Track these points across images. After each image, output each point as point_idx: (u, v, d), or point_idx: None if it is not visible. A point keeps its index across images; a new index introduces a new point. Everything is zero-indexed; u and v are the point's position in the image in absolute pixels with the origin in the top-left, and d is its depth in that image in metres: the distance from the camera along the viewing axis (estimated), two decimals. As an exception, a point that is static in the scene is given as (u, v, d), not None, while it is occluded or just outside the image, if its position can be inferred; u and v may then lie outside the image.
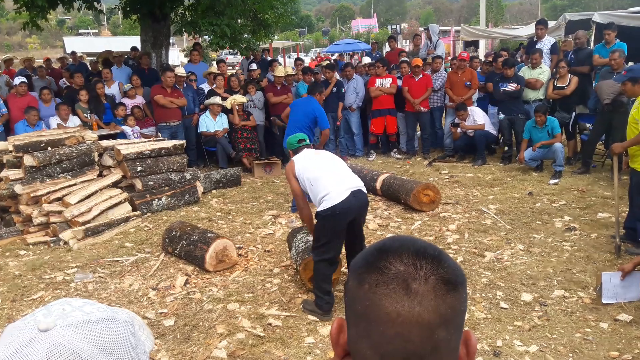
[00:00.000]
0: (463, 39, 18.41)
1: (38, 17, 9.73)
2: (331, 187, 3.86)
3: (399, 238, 0.80)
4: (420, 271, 0.74)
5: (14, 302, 4.46)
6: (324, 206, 3.83)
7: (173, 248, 5.20)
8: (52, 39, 55.68)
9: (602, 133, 7.46)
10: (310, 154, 4.30)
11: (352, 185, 3.90)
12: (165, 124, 8.52)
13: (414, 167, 8.64)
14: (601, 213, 5.91)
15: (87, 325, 0.77)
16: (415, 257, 0.75)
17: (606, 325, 3.66)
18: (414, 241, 0.79)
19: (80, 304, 0.82)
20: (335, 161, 4.22)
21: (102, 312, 0.81)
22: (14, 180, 6.15)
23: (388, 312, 0.72)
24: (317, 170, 4.03)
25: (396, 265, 0.75)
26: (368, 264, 0.77)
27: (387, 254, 0.76)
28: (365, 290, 0.75)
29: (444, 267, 0.75)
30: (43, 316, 0.78)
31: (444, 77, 9.20)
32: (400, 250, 0.76)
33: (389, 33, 34.44)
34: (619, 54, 7.32)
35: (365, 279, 0.76)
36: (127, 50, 13.15)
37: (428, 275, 0.74)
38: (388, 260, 0.75)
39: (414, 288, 0.72)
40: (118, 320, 0.81)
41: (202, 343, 3.70)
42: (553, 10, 55.24)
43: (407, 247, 0.77)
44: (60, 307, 0.81)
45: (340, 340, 0.81)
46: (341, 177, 3.97)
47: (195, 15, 10.82)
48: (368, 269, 0.76)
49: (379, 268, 0.75)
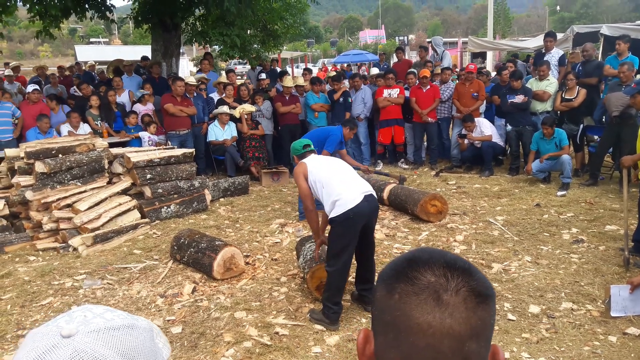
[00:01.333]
0: (470, 50, 18.42)
1: (51, 26, 9.87)
2: (344, 191, 3.85)
3: (429, 250, 0.80)
4: (451, 283, 0.74)
5: (23, 308, 4.50)
6: (337, 211, 3.80)
7: (181, 255, 5.23)
8: (64, 47, 56.29)
9: (610, 145, 7.44)
10: (320, 157, 4.35)
11: (364, 190, 3.90)
12: (175, 132, 8.58)
13: (421, 178, 8.65)
14: (609, 225, 5.88)
15: (108, 332, 0.78)
16: (446, 269, 0.75)
17: (615, 339, 3.64)
18: (443, 253, 0.79)
19: (101, 311, 0.84)
20: (345, 166, 4.24)
21: (123, 320, 0.82)
22: (25, 186, 6.22)
23: (419, 322, 0.72)
24: (329, 172, 4.04)
25: (427, 276, 0.75)
26: (398, 274, 0.77)
27: (418, 265, 0.76)
28: (396, 300, 0.75)
29: (474, 280, 0.75)
30: (65, 322, 0.79)
31: (452, 88, 9.23)
32: (431, 262, 0.76)
33: (396, 44, 34.60)
34: (628, 66, 7.32)
35: (395, 288, 0.76)
36: (138, 59, 13.29)
37: (459, 287, 0.74)
38: (419, 270, 0.75)
39: (445, 299, 0.72)
40: (138, 328, 0.82)
41: (210, 351, 3.71)
42: (561, 23, 55.27)
43: (437, 259, 0.77)
44: (82, 314, 0.82)
45: (367, 351, 0.81)
46: (353, 181, 3.98)
47: (206, 26, 10.94)
48: (398, 279, 0.76)
49: (410, 278, 0.75)
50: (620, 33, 9.66)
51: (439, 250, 0.80)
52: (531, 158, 7.80)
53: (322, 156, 4.43)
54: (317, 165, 4.16)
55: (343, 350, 3.65)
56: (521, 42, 18.42)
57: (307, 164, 4.18)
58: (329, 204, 3.89)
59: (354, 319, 4.13)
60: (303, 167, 4.18)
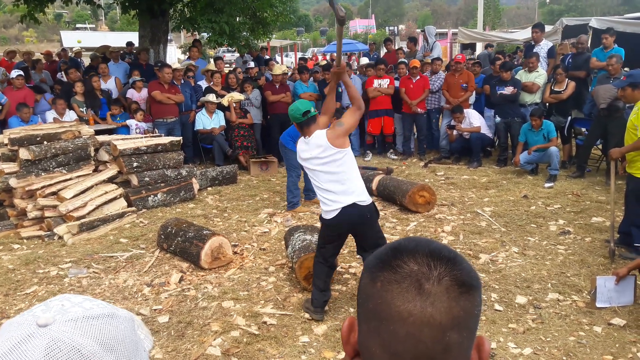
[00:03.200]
0: (460, 41, 18.41)
1: (36, 10, 9.69)
2: (326, 197, 3.78)
3: (415, 239, 0.79)
4: (434, 271, 0.73)
5: (7, 297, 4.44)
6: (321, 212, 3.90)
7: (168, 244, 5.19)
8: (49, 32, 55.41)
9: (598, 138, 7.50)
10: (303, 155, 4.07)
11: (346, 200, 3.70)
12: (162, 120, 8.49)
13: (410, 168, 8.66)
14: (595, 217, 5.93)
15: (87, 321, 0.76)
16: (430, 258, 0.74)
17: (600, 329, 3.68)
18: (429, 242, 0.78)
19: (79, 300, 0.81)
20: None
21: (102, 309, 0.80)
22: (8, 173, 6.11)
23: (399, 311, 0.72)
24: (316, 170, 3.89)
25: (410, 265, 0.74)
26: (382, 262, 0.76)
27: (402, 253, 0.75)
28: (378, 288, 0.74)
29: (458, 269, 0.74)
30: (42, 312, 0.77)
31: (442, 79, 9.22)
32: (415, 250, 0.75)
33: (386, 34, 34.49)
34: (617, 59, 7.36)
35: (378, 277, 0.75)
36: (124, 45, 13.11)
37: (442, 276, 0.73)
38: (402, 259, 0.75)
39: (426, 288, 0.72)
40: (118, 317, 0.80)
41: (197, 340, 3.69)
42: (550, 15, 55.49)
43: (422, 248, 0.76)
44: (60, 303, 0.79)
45: (351, 339, 0.81)
46: (339, 188, 3.74)
47: (194, 12, 10.80)
48: (382, 267, 0.76)
49: (393, 267, 0.74)
50: (608, 26, 9.69)
51: (425, 239, 0.78)
52: (519, 150, 7.83)
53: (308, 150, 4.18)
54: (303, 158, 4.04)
55: (331, 340, 3.65)
56: (510, 34, 18.45)
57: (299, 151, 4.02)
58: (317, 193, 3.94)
59: (341, 308, 4.13)
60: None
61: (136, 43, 11.40)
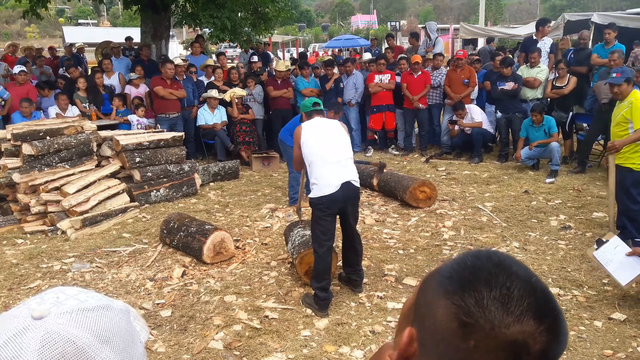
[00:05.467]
0: (462, 37, 18.38)
1: (38, 6, 9.68)
2: (322, 176, 3.94)
3: (511, 273, 0.67)
4: (537, 345, 0.64)
5: (10, 291, 4.47)
6: (313, 194, 3.97)
7: (171, 239, 5.22)
8: (51, 28, 55.34)
9: (599, 133, 7.50)
10: (320, 124, 4.21)
11: (343, 178, 3.95)
12: (165, 115, 8.51)
13: (411, 164, 8.67)
14: (596, 212, 5.95)
15: (82, 313, 0.75)
16: (537, 322, 0.64)
17: (600, 324, 3.70)
18: (532, 287, 0.66)
19: (74, 292, 0.80)
20: (338, 140, 4.15)
21: (98, 300, 0.79)
22: (12, 168, 6.14)
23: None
24: (317, 149, 4.03)
25: (514, 332, 0.63)
26: (477, 315, 0.65)
27: (504, 309, 0.64)
28: (470, 347, 0.65)
29: (561, 336, 0.66)
30: (37, 304, 0.76)
31: (444, 75, 9.21)
32: (520, 305, 0.64)
33: (388, 30, 34.42)
34: (619, 54, 7.35)
35: (471, 333, 0.65)
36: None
37: (544, 349, 0.64)
38: (505, 321, 0.64)
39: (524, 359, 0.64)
40: (113, 309, 0.80)
41: (199, 334, 3.72)
42: (552, 10, 55.26)
43: (528, 302, 0.65)
44: (55, 296, 0.79)
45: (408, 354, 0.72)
46: (335, 166, 3.98)
47: (196, 8, 10.78)
48: (477, 322, 0.65)
49: (493, 329, 0.64)
50: (610, 21, 9.67)
51: (523, 275, 0.67)
52: (520, 145, 7.84)
53: (323, 121, 4.28)
54: (311, 135, 4.10)
55: (332, 334, 3.67)
56: (512, 29, 18.41)
57: (303, 131, 4.14)
58: (310, 182, 4.05)
59: (343, 302, 4.15)
60: (298, 132, 4.16)
61: (138, 39, 11.38)
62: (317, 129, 4.15)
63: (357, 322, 3.82)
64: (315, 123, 4.22)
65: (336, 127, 4.24)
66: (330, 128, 4.20)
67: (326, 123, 4.27)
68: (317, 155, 4.01)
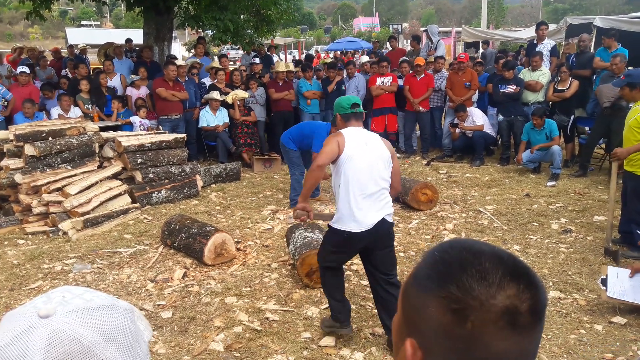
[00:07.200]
0: (464, 40, 18.36)
1: (42, 7, 9.72)
2: (350, 211, 3.30)
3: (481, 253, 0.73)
4: (524, 304, 0.69)
5: (12, 291, 4.48)
6: (336, 225, 3.38)
7: (172, 241, 5.22)
8: (54, 29, 55.50)
9: (601, 137, 7.50)
10: (365, 139, 3.41)
11: (377, 217, 3.30)
12: (167, 117, 8.52)
13: (413, 166, 8.67)
14: (597, 216, 5.94)
15: (87, 312, 0.77)
16: (515, 283, 0.69)
17: (601, 327, 3.70)
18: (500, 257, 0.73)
19: (80, 292, 0.82)
20: (382, 164, 3.37)
21: (103, 300, 0.81)
22: (14, 169, 6.17)
23: (497, 351, 0.68)
24: (355, 176, 3.31)
25: (501, 299, 0.68)
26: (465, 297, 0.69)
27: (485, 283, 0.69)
28: (469, 330, 0.69)
29: (539, 289, 0.71)
30: (43, 303, 0.78)
31: (445, 78, 9.22)
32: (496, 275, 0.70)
33: (390, 32, 34.44)
34: (621, 58, 7.35)
35: (466, 316, 0.69)
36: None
37: (530, 305, 0.69)
38: (491, 292, 0.69)
39: (521, 322, 0.68)
40: (118, 308, 0.81)
41: (200, 336, 3.72)
42: (554, 14, 55.32)
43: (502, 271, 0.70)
44: (61, 295, 0.80)
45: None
46: (371, 202, 3.31)
47: (199, 10, 10.81)
48: (467, 304, 0.69)
49: (482, 304, 0.68)
50: (613, 25, 9.68)
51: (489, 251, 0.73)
52: (522, 148, 7.84)
53: (368, 138, 3.43)
54: (356, 153, 3.32)
55: (333, 336, 3.67)
56: (515, 33, 18.41)
57: (347, 141, 3.33)
58: (337, 202, 3.44)
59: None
60: (341, 140, 3.34)
61: (141, 41, 11.40)
62: (363, 146, 3.36)
63: (357, 325, 3.82)
64: (360, 136, 3.42)
65: (380, 146, 3.43)
66: (375, 146, 3.40)
67: (371, 139, 3.45)
68: (356, 183, 3.29)
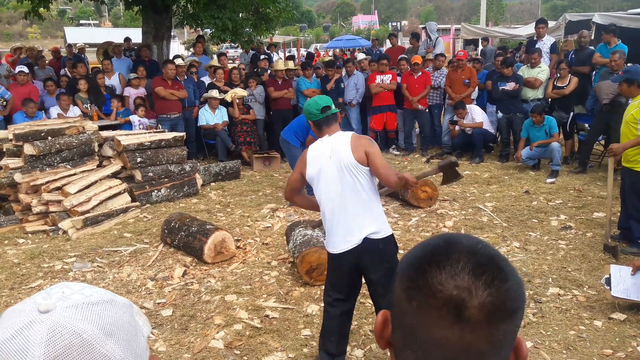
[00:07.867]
0: (463, 37, 18.39)
1: (40, 7, 9.71)
2: (331, 232, 3.05)
3: (456, 244, 0.72)
4: (475, 299, 0.67)
5: (12, 290, 4.49)
6: (326, 245, 3.17)
7: (172, 239, 5.23)
8: (53, 29, 55.42)
9: (600, 133, 7.50)
10: (331, 149, 3.01)
11: (357, 237, 2.98)
12: (166, 116, 8.53)
13: (412, 164, 8.68)
14: (597, 212, 5.95)
15: (87, 307, 0.77)
16: (473, 277, 0.68)
17: (600, 323, 3.70)
18: (473, 251, 0.71)
19: (79, 288, 0.83)
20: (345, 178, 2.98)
21: (102, 295, 0.82)
22: (13, 168, 6.17)
23: (437, 337, 0.68)
24: (323, 196, 3.04)
25: (449, 288, 0.68)
26: (417, 277, 0.70)
27: (440, 270, 0.69)
28: (414, 308, 0.70)
29: (503, 291, 0.68)
30: (43, 299, 0.78)
31: (444, 75, 9.22)
32: (456, 266, 0.69)
33: (389, 30, 34.44)
34: (619, 55, 7.34)
35: (413, 295, 0.70)
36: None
37: (484, 303, 0.67)
38: (440, 279, 0.68)
39: (466, 316, 0.67)
40: (117, 303, 0.82)
41: (200, 333, 3.73)
42: (553, 11, 55.27)
43: (465, 262, 0.69)
44: (60, 290, 0.81)
45: (385, 335, 0.79)
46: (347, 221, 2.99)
47: (197, 8, 10.81)
48: (418, 286, 0.70)
49: (430, 288, 0.69)
50: (612, 22, 9.67)
51: (469, 246, 0.71)
52: (521, 145, 7.84)
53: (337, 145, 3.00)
54: (317, 171, 3.02)
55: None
56: (513, 30, 18.41)
57: (308, 160, 3.05)
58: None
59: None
60: (303, 161, 3.09)
61: (139, 39, 11.40)
62: (327, 161, 2.99)
63: (357, 322, 3.82)
64: (324, 149, 3.03)
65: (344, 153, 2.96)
66: (339, 155, 2.96)
67: (337, 146, 3.00)
68: (328, 203, 3.01)
